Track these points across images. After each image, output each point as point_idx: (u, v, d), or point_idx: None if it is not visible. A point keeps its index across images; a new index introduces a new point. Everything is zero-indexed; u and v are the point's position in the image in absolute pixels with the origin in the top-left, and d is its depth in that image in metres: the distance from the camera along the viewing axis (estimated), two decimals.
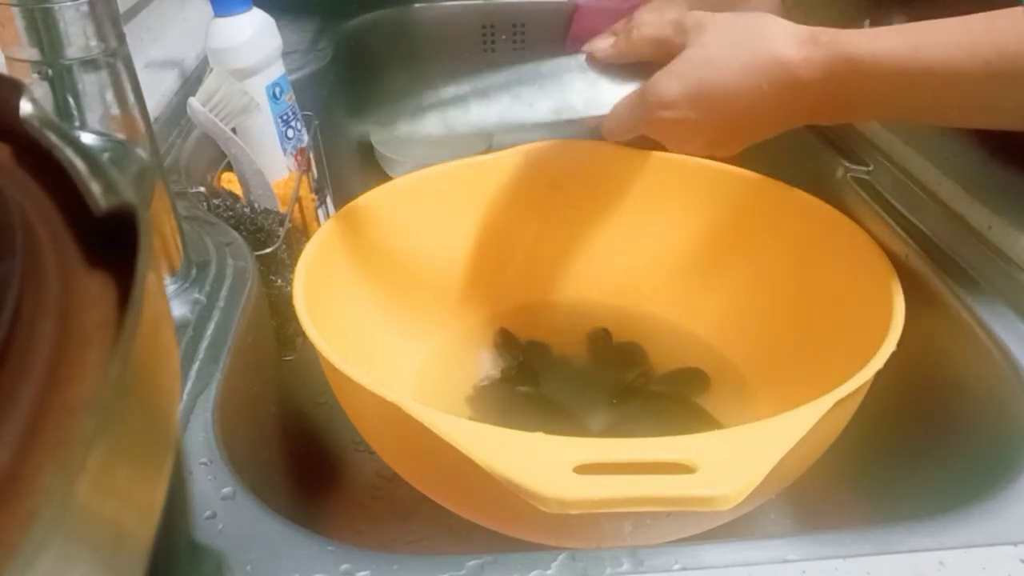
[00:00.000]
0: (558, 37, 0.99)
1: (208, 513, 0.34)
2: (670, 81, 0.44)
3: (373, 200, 0.57)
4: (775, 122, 0.45)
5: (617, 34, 0.51)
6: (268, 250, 0.55)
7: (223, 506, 0.34)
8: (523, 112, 0.50)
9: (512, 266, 0.66)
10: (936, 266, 0.49)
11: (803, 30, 0.42)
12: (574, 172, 0.64)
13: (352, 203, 0.56)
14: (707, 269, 0.63)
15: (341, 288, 0.53)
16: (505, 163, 0.63)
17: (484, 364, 0.62)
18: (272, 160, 0.66)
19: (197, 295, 0.45)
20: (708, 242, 0.63)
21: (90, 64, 0.38)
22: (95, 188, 0.17)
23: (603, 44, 0.51)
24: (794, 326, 0.56)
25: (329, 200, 0.75)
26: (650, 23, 0.48)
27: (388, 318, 0.58)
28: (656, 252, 0.64)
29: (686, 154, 0.49)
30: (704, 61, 0.44)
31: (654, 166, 0.62)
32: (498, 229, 0.64)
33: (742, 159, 0.59)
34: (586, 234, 0.66)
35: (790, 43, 0.42)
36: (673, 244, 0.64)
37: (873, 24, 0.73)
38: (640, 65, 0.49)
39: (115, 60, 0.39)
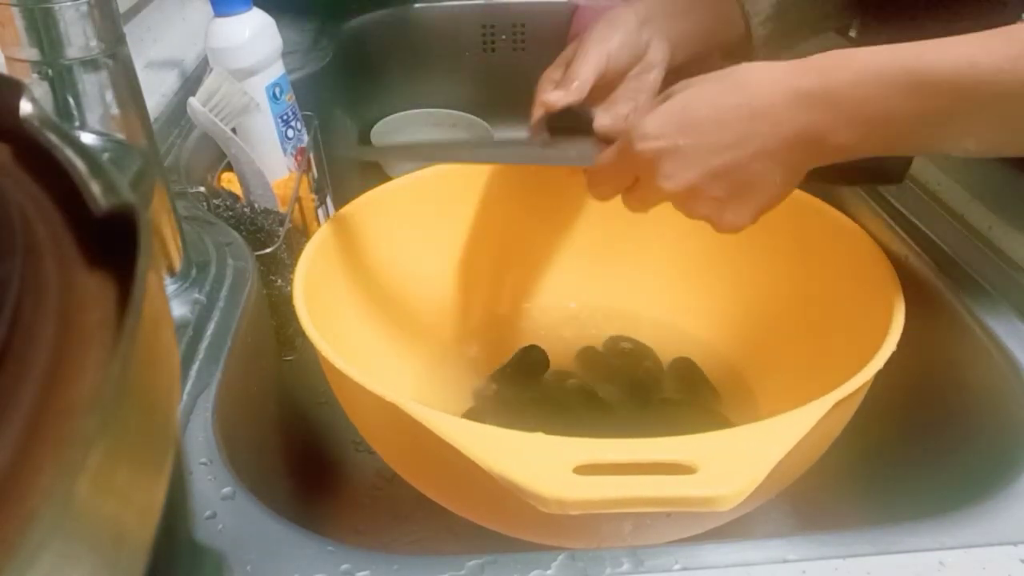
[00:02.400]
0: (558, 37, 0.99)
1: (208, 513, 0.34)
2: (653, 114, 0.42)
3: (373, 200, 0.57)
4: (780, 160, 0.40)
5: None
6: (268, 250, 0.55)
7: (223, 506, 0.34)
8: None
9: (512, 266, 0.66)
10: (936, 266, 0.49)
11: (790, 59, 0.40)
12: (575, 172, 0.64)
13: (352, 203, 0.56)
14: (708, 270, 0.62)
15: (341, 288, 0.53)
16: (505, 163, 0.63)
17: (484, 364, 0.62)
18: (272, 160, 0.66)
19: (197, 295, 0.45)
20: (709, 243, 0.62)
21: (90, 64, 0.38)
22: (95, 188, 0.17)
23: (606, 120, 0.51)
24: (794, 326, 0.56)
25: (329, 200, 0.74)
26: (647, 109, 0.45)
27: (388, 318, 0.58)
28: (657, 253, 0.64)
29: (696, 218, 0.44)
30: (689, 95, 0.41)
31: None
32: (498, 229, 0.64)
33: None
34: (586, 234, 0.66)
35: (783, 66, 0.39)
36: (674, 245, 0.63)
37: (861, 33, 0.74)
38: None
39: (115, 60, 0.39)
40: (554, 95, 0.50)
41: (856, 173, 0.42)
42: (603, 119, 0.51)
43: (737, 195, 0.42)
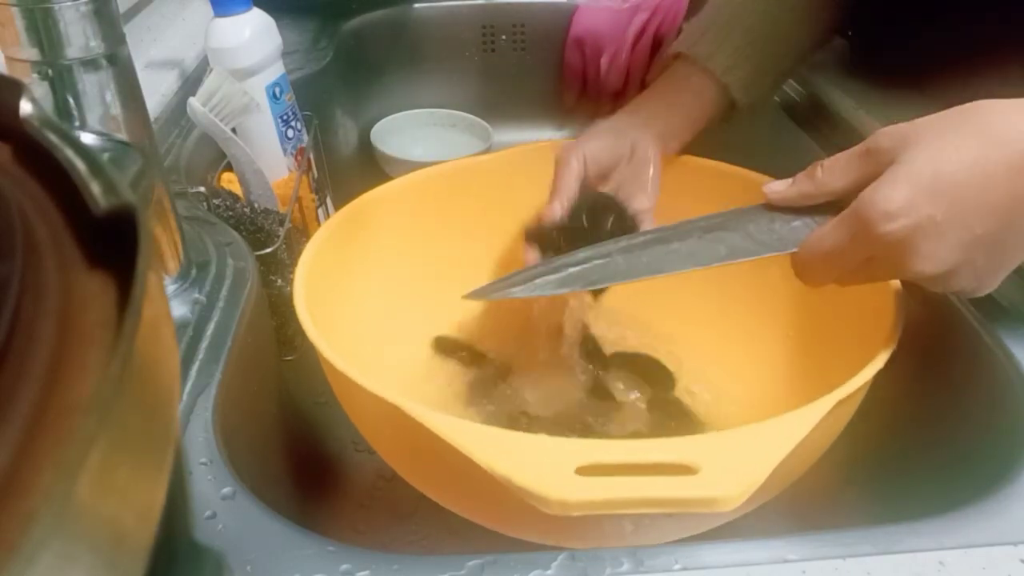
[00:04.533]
0: (558, 37, 0.99)
1: (208, 513, 0.34)
2: (893, 185, 0.35)
3: (373, 200, 0.57)
4: None
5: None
6: (268, 250, 0.55)
7: (223, 506, 0.34)
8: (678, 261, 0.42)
9: (512, 266, 0.66)
10: None
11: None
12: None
13: (352, 203, 0.56)
14: (707, 269, 0.62)
15: (341, 288, 0.53)
16: (505, 163, 0.63)
17: (484, 365, 0.62)
18: (272, 160, 0.66)
19: (197, 295, 0.45)
20: None
21: (90, 64, 0.38)
22: (95, 188, 0.17)
23: (779, 186, 0.42)
24: (794, 327, 0.56)
25: (329, 200, 0.75)
26: (837, 159, 0.39)
27: (388, 318, 0.58)
28: None
29: (947, 291, 0.38)
30: (934, 155, 0.35)
31: None
32: (498, 229, 0.64)
33: (740, 159, 0.59)
34: None
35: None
36: None
37: (858, 37, 0.73)
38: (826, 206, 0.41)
39: (115, 60, 0.39)
40: (547, 210, 0.51)
41: None
42: (776, 186, 0.43)
43: (999, 261, 0.37)
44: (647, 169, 0.53)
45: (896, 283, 0.45)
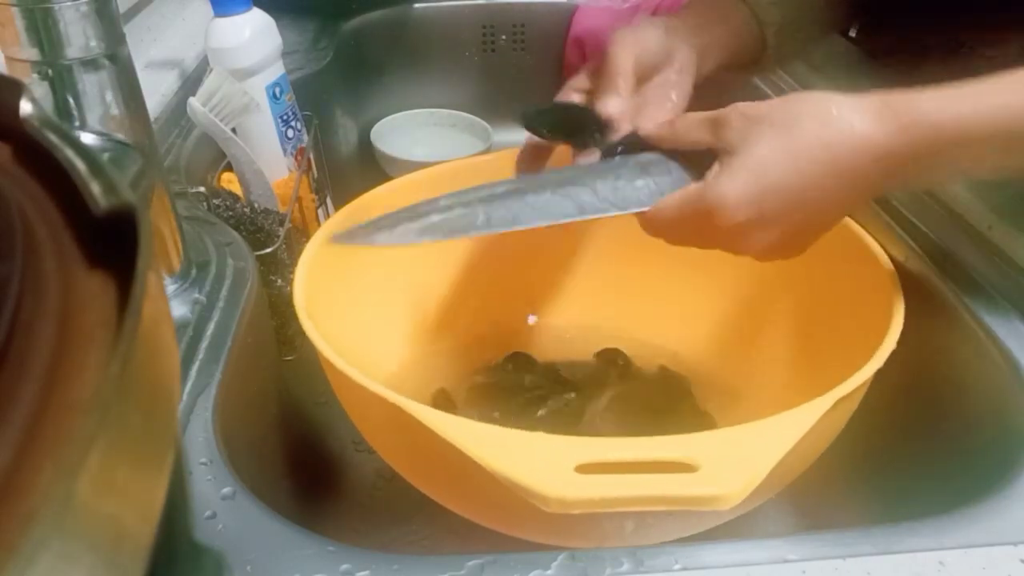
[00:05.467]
0: (558, 37, 0.99)
1: (208, 513, 0.34)
2: (733, 181, 0.39)
3: (373, 200, 0.57)
4: (849, 205, 0.42)
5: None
6: (268, 250, 0.55)
7: (223, 506, 0.34)
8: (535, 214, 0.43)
9: (512, 266, 0.66)
10: (936, 266, 0.49)
11: (869, 101, 0.38)
12: None
13: (352, 203, 0.56)
14: (708, 269, 0.62)
15: (341, 288, 0.53)
16: (505, 163, 0.63)
17: (484, 364, 0.62)
18: (272, 160, 0.66)
19: (197, 295, 0.45)
20: None
21: (90, 64, 0.38)
22: (95, 188, 0.17)
23: (648, 124, 0.47)
24: (794, 325, 0.56)
25: (329, 200, 0.75)
26: (694, 118, 0.43)
27: (388, 318, 0.58)
28: (656, 254, 0.64)
29: (749, 255, 0.43)
30: (765, 154, 0.39)
31: None
32: None
33: None
34: (587, 234, 0.66)
35: (865, 119, 0.38)
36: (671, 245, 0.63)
37: (861, 33, 0.74)
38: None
39: (115, 60, 0.39)
40: (612, 104, 0.47)
41: None
42: (646, 125, 0.47)
43: (802, 236, 0.42)
44: (683, 77, 0.51)
45: (896, 283, 0.45)
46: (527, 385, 0.59)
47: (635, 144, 0.47)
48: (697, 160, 0.43)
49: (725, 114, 0.41)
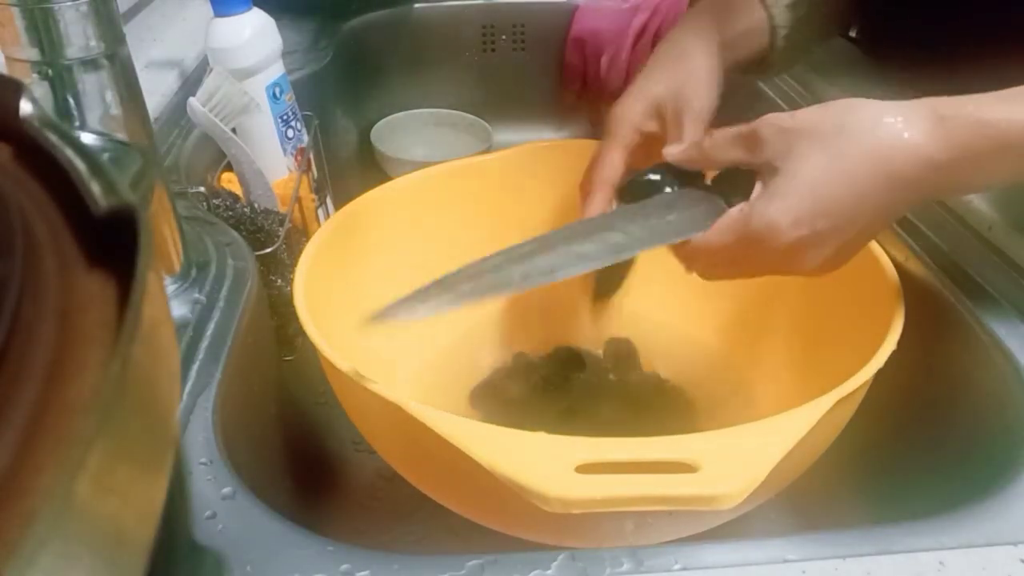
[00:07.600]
0: (558, 37, 0.99)
1: (208, 513, 0.34)
2: (782, 202, 0.38)
3: (373, 200, 0.57)
4: (902, 213, 0.41)
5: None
6: (268, 250, 0.55)
7: (223, 506, 0.34)
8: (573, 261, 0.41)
9: None
10: (936, 266, 0.49)
11: (917, 108, 0.37)
12: (576, 171, 0.64)
13: (352, 203, 0.56)
14: None
15: (341, 288, 0.53)
16: (505, 163, 0.63)
17: (484, 364, 0.62)
18: (272, 160, 0.66)
19: (197, 295, 0.45)
20: None
21: (90, 64, 0.38)
22: (95, 188, 0.17)
23: (675, 148, 0.45)
24: (795, 325, 0.56)
25: (329, 200, 0.74)
26: (724, 135, 0.42)
27: None
28: (656, 255, 0.64)
29: (802, 275, 0.41)
30: (812, 169, 0.37)
31: None
32: (498, 229, 0.64)
33: None
34: None
35: (918, 127, 0.36)
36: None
37: (861, 33, 0.74)
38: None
39: (115, 60, 0.39)
40: (674, 149, 0.45)
41: None
42: (672, 149, 0.45)
43: (853, 247, 0.40)
44: (703, 94, 0.49)
45: (896, 283, 0.45)
46: (527, 389, 0.59)
47: (665, 170, 0.45)
48: (730, 180, 0.41)
49: (758, 129, 0.39)
